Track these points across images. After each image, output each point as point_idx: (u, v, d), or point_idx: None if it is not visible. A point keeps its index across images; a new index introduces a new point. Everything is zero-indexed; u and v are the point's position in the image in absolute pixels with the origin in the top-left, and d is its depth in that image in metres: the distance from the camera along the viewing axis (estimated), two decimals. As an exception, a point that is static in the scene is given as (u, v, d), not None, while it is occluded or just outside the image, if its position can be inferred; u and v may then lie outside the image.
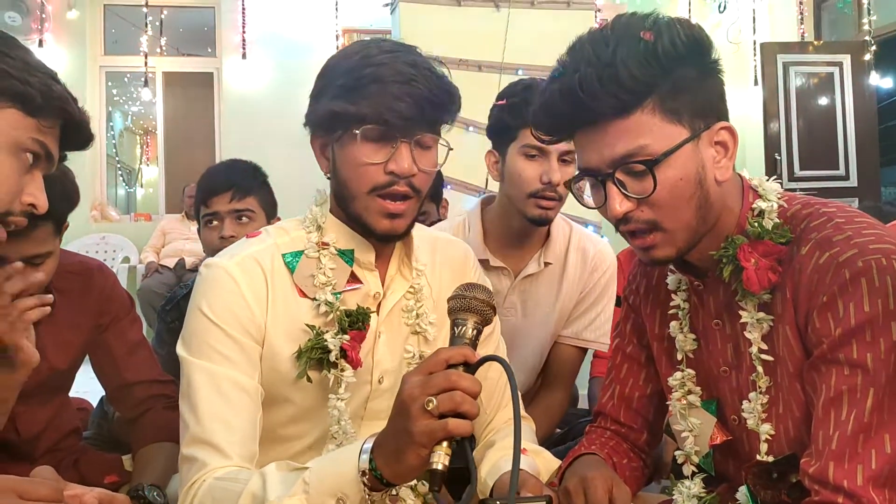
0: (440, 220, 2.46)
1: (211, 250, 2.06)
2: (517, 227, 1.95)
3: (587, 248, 2.04)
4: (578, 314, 2.05)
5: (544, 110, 1.12)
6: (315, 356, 1.23)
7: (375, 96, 1.17)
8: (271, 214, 2.14)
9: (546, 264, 1.99)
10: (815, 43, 6.78)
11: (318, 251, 1.27)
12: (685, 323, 1.24)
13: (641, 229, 1.10)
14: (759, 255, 1.10)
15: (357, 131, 1.19)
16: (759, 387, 1.14)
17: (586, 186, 1.16)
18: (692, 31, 1.07)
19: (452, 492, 1.49)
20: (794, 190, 1.23)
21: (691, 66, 1.07)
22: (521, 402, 1.54)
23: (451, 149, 1.27)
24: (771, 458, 1.13)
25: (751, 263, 1.09)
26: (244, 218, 2.07)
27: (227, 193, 2.06)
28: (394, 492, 1.06)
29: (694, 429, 1.23)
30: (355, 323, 1.24)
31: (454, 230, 1.95)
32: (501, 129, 1.88)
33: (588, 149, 1.10)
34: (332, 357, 1.23)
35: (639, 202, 1.08)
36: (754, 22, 7.09)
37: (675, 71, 1.05)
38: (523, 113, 1.78)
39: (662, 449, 1.65)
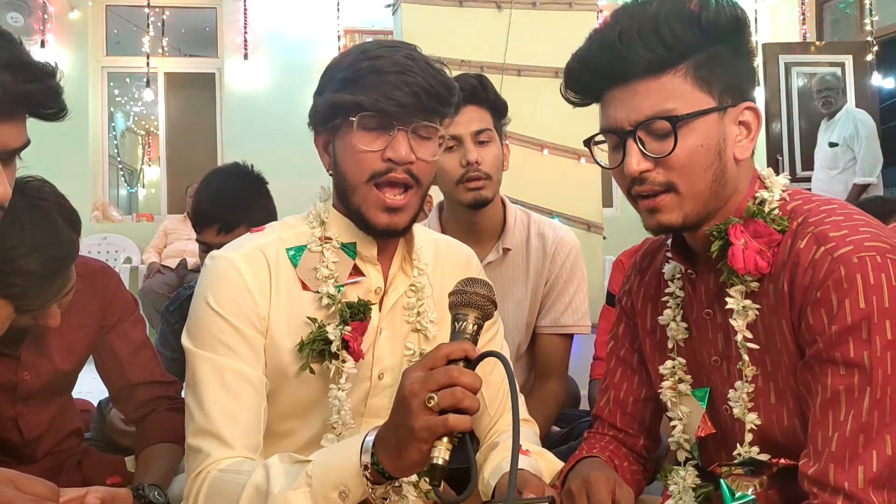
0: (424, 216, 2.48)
1: None
2: (466, 219, 2.01)
3: (546, 233, 2.07)
4: (551, 302, 2.06)
5: (580, 61, 1.13)
6: (317, 348, 1.23)
7: (373, 86, 1.18)
8: None
9: (505, 251, 2.03)
10: (818, 43, 6.79)
11: (321, 245, 1.28)
12: (677, 312, 1.24)
13: (655, 192, 1.10)
14: (750, 236, 1.10)
15: (353, 119, 1.20)
16: (745, 375, 1.14)
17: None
18: (735, 10, 1.09)
19: (456, 490, 1.50)
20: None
21: (730, 42, 1.09)
22: (522, 402, 1.56)
23: (444, 137, 1.28)
24: (745, 453, 1.13)
25: (739, 241, 1.10)
26: None
27: (213, 227, 2.01)
28: (396, 484, 1.07)
29: (683, 417, 1.24)
30: (356, 314, 1.25)
31: None
32: None
33: (615, 106, 1.11)
34: (334, 348, 1.23)
35: (656, 163, 1.09)
36: (756, 22, 7.09)
37: (714, 42, 1.08)
38: None
39: (665, 447, 1.65)
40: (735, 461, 1.14)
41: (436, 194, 2.01)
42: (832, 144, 5.86)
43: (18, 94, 0.96)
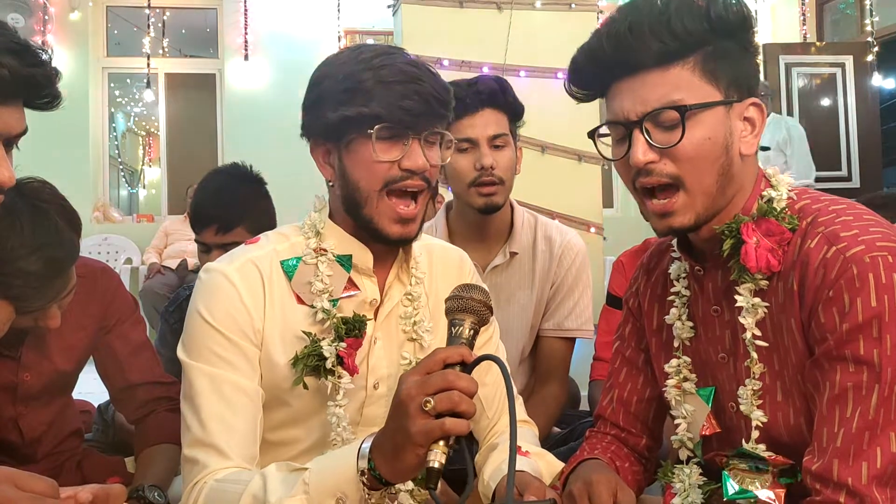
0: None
1: None
2: (474, 221, 2.01)
3: (553, 237, 2.07)
4: (556, 305, 2.07)
5: (587, 54, 1.14)
6: (311, 363, 1.23)
7: (385, 96, 1.18)
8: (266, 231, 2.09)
9: (512, 254, 2.02)
10: (818, 44, 6.79)
11: (316, 257, 1.28)
12: (683, 311, 1.24)
13: (663, 184, 1.10)
14: (762, 234, 1.10)
15: (371, 131, 1.19)
16: (753, 373, 1.14)
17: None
18: (741, 7, 1.11)
19: (456, 490, 1.50)
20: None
21: (736, 37, 1.11)
22: (521, 404, 1.56)
23: (453, 140, 1.29)
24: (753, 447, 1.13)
25: (752, 240, 1.10)
26: (231, 247, 2.01)
27: (212, 227, 2.01)
28: (393, 490, 1.07)
29: (688, 415, 1.24)
30: (352, 330, 1.25)
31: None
32: None
33: (621, 98, 1.11)
34: (329, 364, 1.23)
35: (662, 153, 1.09)
36: (756, 23, 7.09)
37: (722, 37, 1.09)
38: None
39: (666, 448, 1.65)
40: (737, 452, 1.14)
41: (444, 194, 2.01)
42: (764, 148, 5.94)
43: (23, 77, 0.97)
